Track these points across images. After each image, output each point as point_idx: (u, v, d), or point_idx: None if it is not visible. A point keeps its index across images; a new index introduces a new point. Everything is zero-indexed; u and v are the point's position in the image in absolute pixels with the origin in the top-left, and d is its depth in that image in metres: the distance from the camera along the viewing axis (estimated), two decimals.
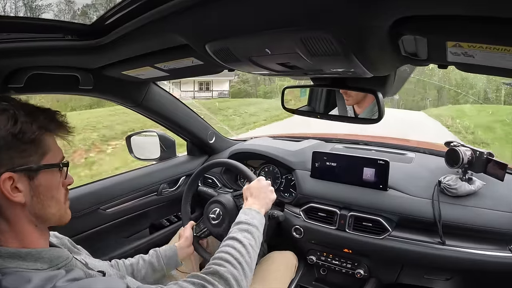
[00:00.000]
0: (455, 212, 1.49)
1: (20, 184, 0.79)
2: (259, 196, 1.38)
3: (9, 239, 0.82)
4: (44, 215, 0.87)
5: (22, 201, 0.80)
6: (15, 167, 0.78)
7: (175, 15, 0.78)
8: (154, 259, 1.43)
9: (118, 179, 1.95)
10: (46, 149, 0.85)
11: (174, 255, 1.48)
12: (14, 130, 0.76)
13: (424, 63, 0.95)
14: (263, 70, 1.12)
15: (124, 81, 1.63)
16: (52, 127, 0.86)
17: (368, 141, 2.21)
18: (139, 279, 1.36)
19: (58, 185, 0.90)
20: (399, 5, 0.58)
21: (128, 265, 1.38)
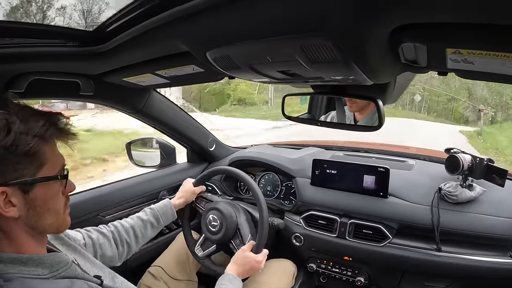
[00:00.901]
0: (455, 219, 1.49)
1: (14, 198, 0.77)
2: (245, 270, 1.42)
3: (5, 246, 0.81)
4: (41, 226, 0.85)
5: (15, 216, 0.78)
6: (8, 181, 0.76)
7: (176, 22, 0.78)
8: (152, 218, 1.51)
9: (118, 185, 1.94)
10: (43, 160, 0.81)
11: (171, 212, 1.58)
12: (6, 142, 0.73)
13: (424, 70, 0.96)
14: (263, 78, 1.12)
15: (125, 88, 1.63)
16: (50, 135, 0.82)
17: (369, 148, 2.21)
18: (140, 237, 1.45)
19: (57, 195, 0.87)
20: (398, 13, 0.58)
21: (129, 227, 1.43)
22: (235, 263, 1.41)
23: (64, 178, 0.88)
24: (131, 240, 1.41)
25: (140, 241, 1.46)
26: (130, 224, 1.45)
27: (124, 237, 1.40)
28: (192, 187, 1.69)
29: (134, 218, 1.49)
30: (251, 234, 1.56)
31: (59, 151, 0.88)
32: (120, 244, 1.38)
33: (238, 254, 1.44)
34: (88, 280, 0.91)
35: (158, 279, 1.63)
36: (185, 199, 1.66)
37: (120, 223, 1.44)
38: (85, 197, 1.74)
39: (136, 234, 1.44)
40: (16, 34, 1.03)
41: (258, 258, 1.44)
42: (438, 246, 1.48)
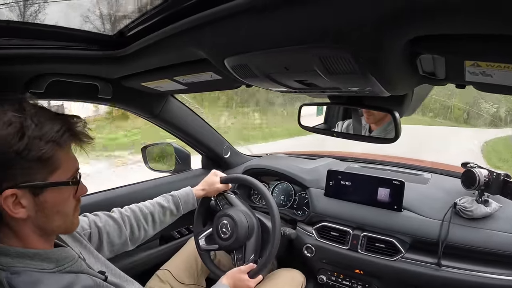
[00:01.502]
0: (470, 235, 1.46)
1: (24, 200, 0.78)
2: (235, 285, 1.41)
3: (13, 241, 0.83)
4: (49, 228, 0.86)
5: (24, 217, 0.79)
6: (19, 184, 0.76)
7: (195, 29, 0.79)
8: (173, 206, 1.49)
9: (132, 188, 1.96)
10: (56, 165, 0.82)
11: (192, 202, 1.56)
12: (19, 147, 0.73)
13: (442, 83, 0.95)
14: (280, 87, 1.12)
15: (143, 93, 1.65)
16: (65, 140, 0.82)
17: (384, 160, 2.19)
18: (159, 223, 1.44)
19: (67, 199, 0.88)
20: (417, 24, 0.58)
21: (147, 213, 1.42)
22: (229, 278, 1.40)
23: (75, 184, 0.88)
24: (148, 226, 1.41)
25: (158, 227, 1.45)
26: (150, 210, 1.43)
27: (142, 223, 1.39)
28: (216, 183, 1.65)
29: (154, 203, 1.47)
30: (254, 254, 1.55)
31: (73, 155, 0.89)
32: (137, 229, 1.38)
33: (235, 273, 1.43)
34: (93, 275, 0.92)
35: (164, 282, 1.63)
36: (206, 192, 1.63)
37: (138, 208, 1.42)
38: (99, 198, 1.76)
39: (155, 220, 1.43)
40: (38, 36, 1.05)
41: (250, 284, 1.42)
42: (439, 261, 1.46)
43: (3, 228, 0.83)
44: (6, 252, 0.80)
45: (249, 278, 1.42)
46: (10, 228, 0.82)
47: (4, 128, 0.73)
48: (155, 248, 1.98)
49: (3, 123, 0.73)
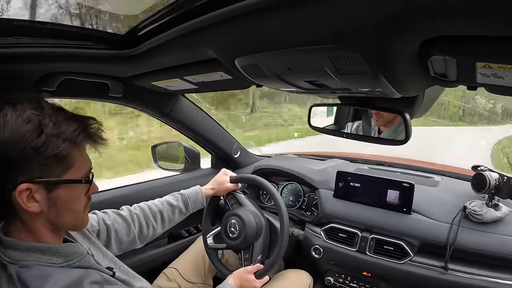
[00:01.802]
0: (479, 239, 1.44)
1: (37, 195, 0.80)
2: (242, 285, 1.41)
3: (23, 235, 0.84)
4: (59, 223, 0.88)
5: (37, 211, 0.81)
6: (34, 179, 0.78)
7: (206, 29, 0.80)
8: (182, 205, 1.50)
9: (141, 187, 1.97)
10: (70, 163, 0.83)
11: (201, 200, 1.56)
12: (37, 143, 0.75)
13: (453, 84, 0.94)
14: (291, 87, 1.12)
15: (153, 92, 1.66)
16: (80, 140, 0.84)
17: (394, 162, 2.18)
18: (167, 221, 1.45)
19: (79, 196, 0.90)
20: (428, 25, 0.57)
21: (156, 211, 1.43)
22: (236, 278, 1.41)
23: (88, 183, 0.90)
24: (157, 224, 1.42)
25: (167, 226, 1.47)
26: (159, 208, 1.44)
27: (151, 221, 1.40)
28: (226, 182, 1.66)
29: (163, 202, 1.48)
30: (262, 255, 1.55)
31: (87, 155, 0.91)
32: (146, 227, 1.39)
33: (241, 273, 1.43)
34: (101, 271, 0.93)
35: (171, 280, 1.64)
36: (216, 191, 1.64)
37: (148, 206, 1.44)
38: (108, 196, 1.77)
39: (164, 218, 1.44)
40: (49, 34, 1.06)
41: (256, 285, 1.43)
42: (446, 264, 1.45)
43: (15, 222, 0.84)
44: (16, 246, 0.82)
45: (255, 278, 1.43)
46: (22, 222, 0.84)
47: (23, 125, 0.75)
48: (163, 246, 1.99)
49: (22, 120, 0.75)
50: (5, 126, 0.74)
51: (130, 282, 1.06)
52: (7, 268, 0.81)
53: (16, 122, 0.75)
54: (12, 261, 0.80)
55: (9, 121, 0.75)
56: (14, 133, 0.74)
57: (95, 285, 0.83)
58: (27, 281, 0.77)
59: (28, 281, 0.77)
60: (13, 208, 0.81)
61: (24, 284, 0.77)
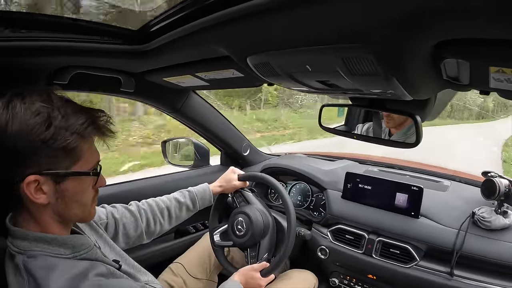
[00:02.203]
0: (486, 246, 1.43)
1: (45, 187, 0.81)
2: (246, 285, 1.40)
3: (31, 226, 0.85)
4: (67, 215, 0.88)
5: (44, 203, 0.82)
6: (42, 171, 0.79)
7: (219, 27, 0.79)
8: (189, 202, 1.51)
9: (150, 182, 1.98)
10: (78, 156, 0.84)
11: (209, 198, 1.57)
12: (45, 136, 0.76)
13: (466, 89, 0.93)
14: (302, 87, 1.12)
15: (165, 87, 1.67)
16: (89, 133, 0.84)
17: (403, 165, 2.16)
18: (175, 218, 1.47)
19: (87, 189, 0.90)
20: (442, 28, 0.57)
21: (164, 208, 1.44)
22: (241, 275, 1.41)
23: (96, 175, 0.91)
24: (164, 221, 1.43)
25: (174, 222, 1.48)
26: (166, 204, 1.46)
27: (158, 217, 1.42)
28: (234, 180, 1.66)
29: (171, 198, 1.50)
30: (268, 253, 1.55)
31: (95, 148, 0.91)
32: (153, 223, 1.40)
33: (247, 270, 1.43)
34: (107, 263, 0.94)
35: (176, 275, 1.65)
36: (223, 189, 1.65)
37: (155, 202, 1.45)
38: (117, 190, 1.79)
39: (171, 215, 1.46)
40: (63, 29, 1.07)
41: (262, 283, 1.43)
42: (452, 270, 1.43)
43: (23, 213, 0.85)
44: (24, 236, 0.83)
45: (261, 276, 1.43)
46: (30, 213, 0.85)
47: (32, 118, 0.75)
48: (170, 242, 2.00)
49: (31, 112, 0.76)
50: (14, 118, 0.75)
51: (136, 275, 1.08)
52: (15, 258, 0.82)
53: (25, 115, 0.75)
54: (20, 251, 0.82)
55: (18, 113, 0.75)
56: (23, 125, 0.75)
57: (101, 277, 0.84)
58: (33, 271, 0.78)
59: (34, 271, 0.78)
60: (21, 200, 0.82)
61: (30, 274, 0.78)
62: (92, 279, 0.81)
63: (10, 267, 0.83)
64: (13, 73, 1.16)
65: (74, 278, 0.78)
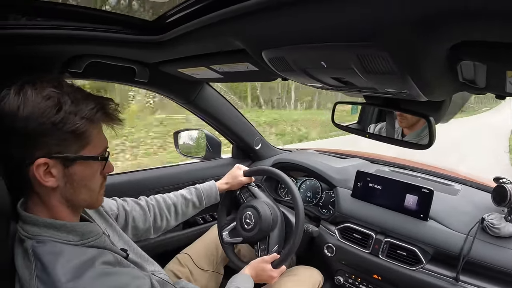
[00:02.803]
0: (494, 253, 1.40)
1: (54, 170, 0.82)
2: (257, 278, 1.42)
3: (41, 210, 0.87)
4: (75, 200, 0.90)
5: (53, 186, 0.83)
6: (52, 154, 0.81)
7: (235, 20, 0.79)
8: (196, 198, 1.54)
9: (161, 171, 2.00)
10: (87, 140, 0.86)
11: (215, 196, 1.60)
12: (56, 119, 0.78)
13: (482, 92, 0.92)
14: (317, 83, 1.12)
15: (179, 78, 1.68)
16: (97, 118, 0.86)
17: (415, 167, 2.14)
18: (181, 214, 1.50)
19: (95, 174, 0.92)
20: (458, 30, 0.56)
21: (171, 204, 1.47)
22: (253, 268, 1.42)
23: (104, 160, 0.93)
24: (170, 217, 1.46)
25: (180, 218, 1.51)
26: (173, 201, 1.49)
27: (165, 213, 1.45)
28: (240, 176, 1.68)
29: (177, 195, 1.53)
30: (278, 245, 1.56)
31: (103, 134, 0.93)
32: (160, 218, 1.43)
33: (258, 262, 1.44)
34: (115, 252, 0.96)
35: (183, 265, 1.66)
36: (230, 185, 1.67)
37: (162, 198, 1.48)
38: (128, 179, 1.81)
39: (177, 211, 1.48)
40: (80, 17, 1.09)
41: (273, 274, 1.44)
42: (458, 275, 1.42)
43: (32, 197, 0.87)
44: (34, 222, 0.85)
45: (272, 268, 1.44)
46: (39, 197, 0.86)
47: (43, 101, 0.78)
48: (178, 232, 2.02)
49: (42, 97, 0.78)
50: (25, 102, 0.77)
51: (143, 265, 1.09)
52: (24, 242, 0.84)
53: (36, 99, 0.78)
54: (29, 236, 0.84)
55: (29, 98, 0.78)
56: (34, 108, 0.77)
57: (107, 266, 0.85)
58: (41, 255, 0.80)
59: (42, 256, 0.79)
60: (31, 183, 0.83)
61: (38, 259, 0.79)
62: (98, 266, 0.82)
63: (20, 251, 0.85)
64: (28, 61, 1.18)
65: (81, 265, 0.79)
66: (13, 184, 0.88)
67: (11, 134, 0.78)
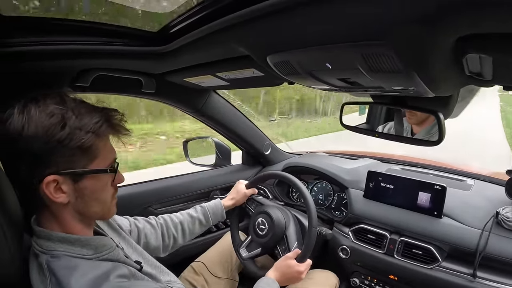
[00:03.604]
0: (510, 247, 1.38)
1: (64, 186, 0.83)
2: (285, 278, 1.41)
3: (54, 226, 0.87)
4: (87, 213, 0.91)
5: (64, 202, 0.84)
6: (60, 171, 0.81)
7: (238, 26, 0.80)
8: (202, 216, 1.55)
9: (172, 181, 2.01)
10: (95, 154, 0.86)
11: (221, 213, 1.61)
12: (61, 136, 0.78)
13: (489, 84, 0.91)
14: (323, 85, 1.12)
15: (186, 88, 1.69)
16: (103, 131, 0.86)
17: (426, 164, 2.13)
18: (188, 232, 1.50)
19: (105, 186, 0.92)
20: (463, 22, 0.56)
21: (178, 222, 1.49)
22: (277, 269, 1.41)
23: (113, 172, 0.93)
24: (178, 235, 1.47)
25: (187, 237, 1.51)
26: (180, 219, 1.50)
27: (172, 231, 1.46)
28: (243, 189, 1.71)
29: (184, 214, 1.54)
30: (298, 241, 1.55)
31: (111, 145, 0.94)
32: (167, 237, 1.44)
33: (282, 261, 1.43)
34: (129, 264, 0.96)
35: (198, 274, 1.66)
36: (235, 201, 1.69)
37: (169, 217, 1.49)
38: (140, 189, 1.82)
39: (184, 229, 1.49)
40: (86, 32, 1.11)
41: (301, 268, 1.42)
42: (475, 272, 1.40)
43: (44, 212, 0.88)
44: (48, 237, 0.86)
45: (297, 263, 1.43)
46: (51, 212, 0.87)
47: (47, 119, 0.78)
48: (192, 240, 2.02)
49: (46, 114, 0.79)
50: (29, 121, 0.77)
51: (157, 276, 1.09)
52: (39, 257, 0.85)
53: (40, 117, 0.78)
54: (44, 250, 0.84)
55: (33, 116, 0.78)
56: (38, 127, 0.77)
57: (122, 279, 0.85)
58: (55, 270, 0.80)
59: (56, 271, 0.80)
60: (42, 200, 0.84)
61: (53, 273, 0.80)
62: (113, 280, 0.82)
63: (34, 266, 0.85)
64: (37, 77, 1.20)
65: (95, 279, 0.80)
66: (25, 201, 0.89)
67: (18, 154, 0.79)
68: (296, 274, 1.41)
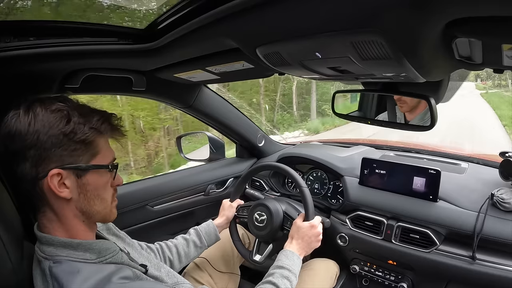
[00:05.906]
0: (506, 229, 1.39)
1: (67, 181, 0.84)
2: (304, 240, 1.41)
3: (56, 229, 0.88)
4: (90, 212, 0.91)
5: (68, 197, 0.85)
6: (64, 165, 0.83)
7: (226, 19, 0.80)
8: (196, 238, 1.54)
9: (167, 177, 2.01)
10: (97, 150, 0.89)
11: (214, 232, 1.60)
12: (66, 129, 0.81)
13: (479, 68, 0.92)
14: (313, 74, 1.12)
15: (176, 83, 1.69)
16: (104, 129, 0.89)
17: (420, 149, 2.14)
18: (183, 255, 1.48)
19: (106, 185, 0.94)
20: (452, 6, 0.56)
21: (172, 246, 1.48)
22: (292, 237, 1.42)
23: (114, 169, 0.95)
24: (173, 258, 1.47)
25: (183, 260, 1.51)
26: (174, 243, 1.51)
27: (167, 254, 1.46)
28: (228, 203, 1.72)
29: (178, 237, 1.55)
30: (298, 212, 1.57)
31: (110, 146, 0.96)
32: (163, 259, 1.44)
33: (292, 229, 1.45)
34: (134, 267, 0.96)
35: (202, 270, 1.66)
36: (226, 216, 1.69)
37: (164, 242, 1.50)
38: (136, 188, 1.82)
39: (179, 252, 1.49)
40: (72, 33, 1.11)
41: (313, 223, 1.44)
42: (474, 254, 1.40)
43: (47, 212, 0.88)
44: (50, 242, 0.86)
45: (309, 224, 1.44)
46: (53, 211, 0.87)
47: (52, 115, 0.81)
48: None
49: (51, 111, 0.82)
50: (36, 117, 0.80)
51: (164, 279, 1.10)
52: (41, 263, 0.85)
53: (45, 113, 0.81)
54: (47, 256, 0.85)
55: (38, 113, 0.81)
56: (44, 121, 0.80)
57: (125, 280, 0.85)
58: (57, 276, 0.80)
59: (58, 276, 0.80)
60: (45, 198, 0.85)
61: (55, 279, 0.80)
62: (116, 282, 0.82)
63: (38, 272, 0.86)
64: (24, 81, 1.19)
65: (97, 283, 0.80)
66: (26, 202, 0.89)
67: (23, 150, 0.80)
68: (310, 230, 1.43)
